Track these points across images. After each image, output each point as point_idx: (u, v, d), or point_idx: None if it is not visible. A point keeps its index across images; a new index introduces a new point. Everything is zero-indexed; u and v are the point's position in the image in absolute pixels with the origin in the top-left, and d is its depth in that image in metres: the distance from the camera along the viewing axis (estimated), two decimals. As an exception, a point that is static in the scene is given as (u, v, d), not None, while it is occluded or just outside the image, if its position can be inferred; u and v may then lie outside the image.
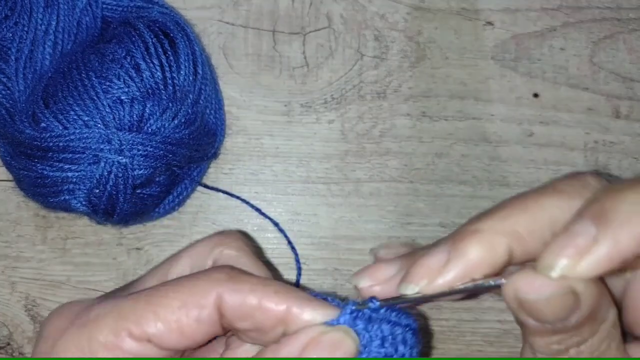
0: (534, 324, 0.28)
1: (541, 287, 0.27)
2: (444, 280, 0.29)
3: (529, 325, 0.28)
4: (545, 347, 0.29)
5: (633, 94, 0.55)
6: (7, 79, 0.48)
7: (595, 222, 0.26)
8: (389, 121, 0.54)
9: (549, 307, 0.27)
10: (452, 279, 0.29)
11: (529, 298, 0.27)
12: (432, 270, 0.29)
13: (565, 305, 0.27)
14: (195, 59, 0.48)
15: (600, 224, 0.26)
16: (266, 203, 0.53)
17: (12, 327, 0.52)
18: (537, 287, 0.27)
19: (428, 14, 0.55)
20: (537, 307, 0.27)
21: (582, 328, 0.28)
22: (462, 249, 0.29)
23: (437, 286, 0.29)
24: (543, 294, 0.27)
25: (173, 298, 0.30)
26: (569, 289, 0.26)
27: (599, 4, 0.55)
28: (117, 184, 0.45)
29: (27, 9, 0.49)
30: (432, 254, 0.30)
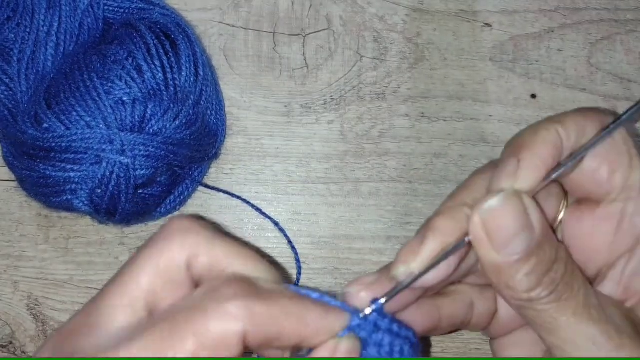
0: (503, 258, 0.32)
1: (494, 196, 0.32)
2: (425, 252, 0.33)
3: (502, 261, 0.32)
4: (523, 282, 0.32)
5: (630, 94, 0.55)
6: (9, 80, 0.48)
7: (516, 151, 0.33)
8: (388, 122, 0.54)
9: (508, 216, 0.31)
10: (431, 249, 0.33)
11: (489, 206, 0.31)
12: (413, 249, 0.33)
13: (519, 210, 0.31)
14: (196, 61, 0.49)
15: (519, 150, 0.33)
16: (266, 203, 0.53)
17: (15, 326, 0.53)
18: (491, 197, 0.32)
19: (427, 16, 0.55)
20: (498, 222, 0.31)
21: (544, 249, 0.32)
22: (432, 225, 0.34)
23: (422, 258, 0.33)
24: (497, 199, 0.31)
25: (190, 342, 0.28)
26: (515, 194, 0.32)
27: (596, 6, 0.56)
28: (119, 184, 0.45)
29: (29, 11, 0.49)
30: (409, 242, 0.34)
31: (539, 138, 0.33)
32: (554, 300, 0.32)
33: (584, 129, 0.34)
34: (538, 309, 0.33)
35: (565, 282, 0.33)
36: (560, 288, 0.33)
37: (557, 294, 0.32)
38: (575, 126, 0.34)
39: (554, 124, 0.33)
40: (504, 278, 0.32)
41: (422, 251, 0.33)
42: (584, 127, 0.34)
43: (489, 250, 0.32)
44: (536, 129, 0.34)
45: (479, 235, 0.32)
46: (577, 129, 0.33)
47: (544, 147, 0.33)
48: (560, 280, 0.33)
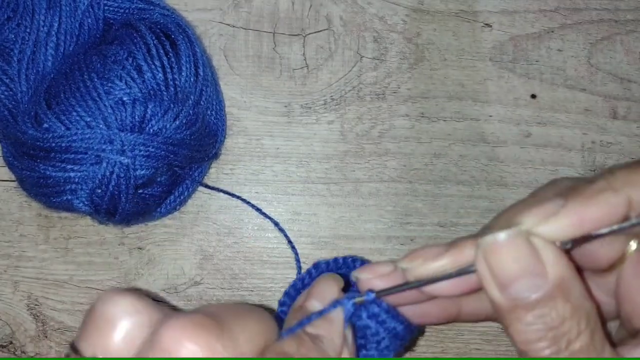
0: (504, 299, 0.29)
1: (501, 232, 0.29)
2: (439, 263, 0.32)
3: (504, 302, 0.29)
4: (524, 331, 0.29)
5: (630, 94, 0.55)
6: (9, 80, 0.48)
7: (564, 197, 0.29)
8: (388, 122, 0.54)
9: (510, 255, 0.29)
10: (447, 264, 0.31)
11: (493, 240, 0.29)
12: (429, 255, 0.32)
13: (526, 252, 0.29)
14: (196, 61, 0.49)
15: (569, 197, 0.29)
16: (266, 203, 0.53)
17: (15, 326, 0.53)
18: (497, 233, 0.29)
19: (427, 16, 0.55)
20: (499, 259, 0.29)
21: (554, 302, 0.29)
22: (460, 246, 0.32)
23: (430, 267, 0.32)
24: (501, 235, 0.29)
25: None
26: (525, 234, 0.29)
27: (596, 6, 0.56)
28: (119, 184, 0.45)
29: (29, 11, 0.49)
30: (432, 247, 0.33)
31: (603, 195, 0.29)
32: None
33: None
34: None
35: (575, 348, 0.29)
36: (566, 354, 0.29)
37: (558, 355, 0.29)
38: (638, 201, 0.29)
39: (626, 186, 0.29)
40: (504, 320, 0.30)
41: (440, 258, 0.32)
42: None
43: (492, 286, 0.30)
44: (607, 182, 0.29)
45: (481, 267, 0.30)
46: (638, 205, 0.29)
47: (601, 208, 0.29)
48: (567, 343, 0.29)
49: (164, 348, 0.26)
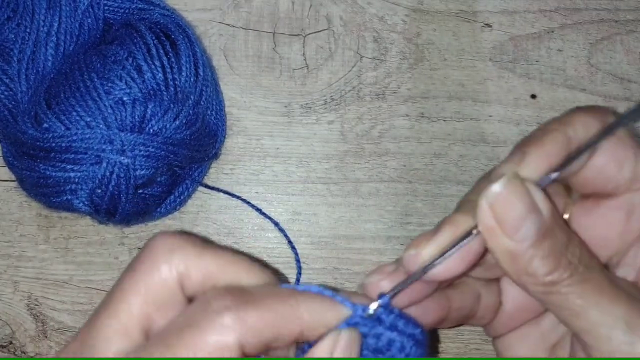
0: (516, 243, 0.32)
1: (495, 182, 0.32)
2: (438, 239, 0.33)
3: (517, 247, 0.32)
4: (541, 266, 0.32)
5: (630, 94, 0.55)
6: (9, 80, 0.48)
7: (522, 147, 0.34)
8: (388, 122, 0.54)
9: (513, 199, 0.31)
10: (444, 238, 0.33)
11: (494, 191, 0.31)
12: (426, 237, 0.34)
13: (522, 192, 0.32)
14: (196, 61, 0.49)
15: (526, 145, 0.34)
16: (266, 203, 0.53)
17: (15, 326, 0.53)
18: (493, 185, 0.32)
19: (426, 16, 0.55)
20: (505, 206, 0.31)
21: (555, 232, 0.32)
22: (448, 219, 0.34)
23: (433, 245, 0.33)
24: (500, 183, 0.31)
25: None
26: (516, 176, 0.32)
27: (596, 6, 0.56)
28: (119, 184, 0.45)
29: (29, 11, 0.49)
30: (427, 232, 0.34)
31: (548, 136, 0.34)
32: (577, 281, 0.32)
33: (590, 129, 0.34)
34: (562, 293, 0.32)
35: (585, 263, 0.32)
36: (581, 269, 0.32)
37: (579, 275, 0.32)
38: (583, 126, 0.34)
39: (562, 125, 0.34)
40: (521, 265, 0.32)
41: (434, 238, 0.33)
42: (591, 126, 0.34)
43: (501, 237, 0.32)
44: (545, 128, 0.34)
45: (488, 222, 0.32)
46: (584, 129, 0.34)
47: (552, 145, 0.33)
48: (579, 262, 0.32)
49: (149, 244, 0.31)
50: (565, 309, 0.33)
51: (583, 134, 0.34)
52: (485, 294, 0.39)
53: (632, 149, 0.35)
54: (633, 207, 0.36)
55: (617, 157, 0.35)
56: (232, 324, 0.28)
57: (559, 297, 0.32)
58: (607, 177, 0.35)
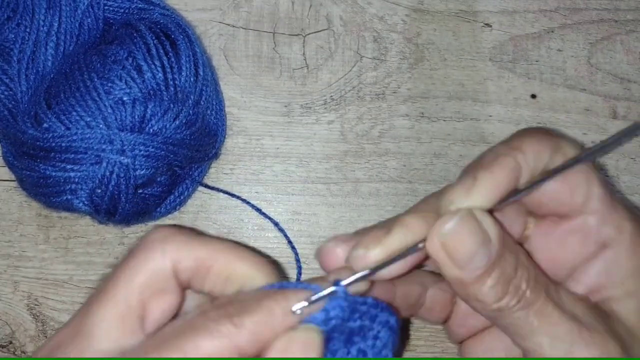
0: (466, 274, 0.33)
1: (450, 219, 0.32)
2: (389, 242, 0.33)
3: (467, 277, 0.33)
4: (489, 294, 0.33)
5: (630, 94, 0.55)
6: (9, 80, 0.48)
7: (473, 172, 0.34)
8: (388, 122, 0.54)
9: (465, 237, 0.32)
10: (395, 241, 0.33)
11: (446, 229, 0.32)
12: (377, 237, 0.34)
13: (475, 228, 0.32)
14: (196, 61, 0.49)
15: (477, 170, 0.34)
16: (266, 203, 0.53)
17: (15, 326, 0.53)
18: (447, 220, 0.32)
19: (427, 16, 0.55)
20: (456, 243, 0.32)
21: (505, 258, 0.33)
22: (400, 220, 0.34)
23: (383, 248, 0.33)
24: (453, 222, 0.32)
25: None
26: (470, 213, 0.32)
27: (596, 6, 0.56)
28: (119, 184, 0.45)
29: (29, 11, 0.49)
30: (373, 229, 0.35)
31: (498, 162, 0.34)
32: (522, 307, 0.33)
33: (540, 155, 0.35)
34: (509, 317, 0.34)
35: (532, 286, 0.34)
36: (528, 294, 0.34)
37: (525, 300, 0.33)
38: (533, 154, 0.35)
39: (513, 150, 0.35)
40: (470, 292, 0.33)
41: (386, 241, 0.33)
42: (541, 153, 0.35)
43: (452, 268, 0.33)
44: (496, 153, 0.35)
45: (440, 255, 0.33)
46: (534, 156, 0.35)
47: (502, 170, 0.34)
48: (527, 286, 0.34)
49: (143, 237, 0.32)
50: (512, 332, 0.34)
51: (532, 161, 0.35)
52: (433, 287, 0.40)
53: (583, 173, 0.36)
54: (588, 229, 0.37)
55: (569, 182, 0.36)
56: (228, 329, 0.29)
57: (507, 321, 0.34)
58: (560, 202, 0.36)
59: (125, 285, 0.31)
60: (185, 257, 0.31)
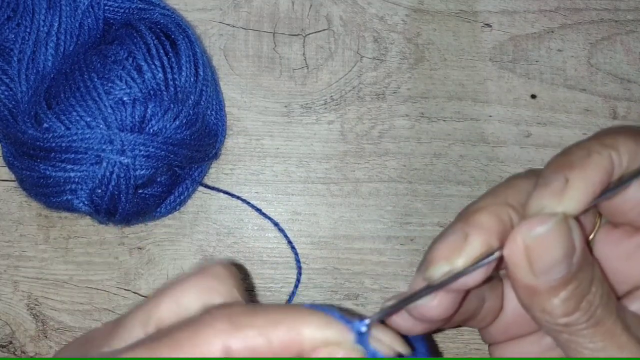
0: (541, 282, 0.30)
1: (540, 222, 0.29)
2: (470, 250, 0.30)
3: (541, 285, 0.30)
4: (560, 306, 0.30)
5: (630, 95, 0.55)
6: (9, 80, 0.48)
7: (564, 170, 0.31)
8: (388, 122, 0.54)
9: (553, 244, 0.29)
10: (476, 248, 0.30)
11: (536, 234, 0.29)
12: (456, 246, 0.31)
13: (566, 238, 0.29)
14: (196, 61, 0.49)
15: (568, 169, 0.31)
16: (266, 203, 0.53)
17: (15, 326, 0.53)
18: (537, 223, 0.29)
19: (427, 16, 0.55)
20: (542, 250, 0.29)
21: (583, 271, 0.30)
22: (474, 221, 0.31)
23: (466, 256, 0.30)
24: (545, 227, 0.29)
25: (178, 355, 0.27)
26: (565, 220, 0.29)
27: (596, 6, 0.56)
28: (119, 184, 0.45)
29: (29, 11, 0.49)
30: (444, 237, 0.31)
31: (592, 161, 0.31)
32: (592, 325, 0.31)
33: (636, 156, 0.32)
34: (575, 334, 0.31)
35: (603, 304, 0.31)
36: (599, 312, 0.31)
37: (596, 318, 0.31)
38: (628, 153, 0.32)
39: (607, 148, 0.31)
40: (540, 301, 0.31)
41: (467, 248, 0.30)
42: (636, 154, 0.32)
43: (527, 273, 0.30)
44: (588, 150, 0.31)
45: (518, 260, 0.30)
46: (629, 156, 0.32)
47: (596, 172, 0.31)
48: (599, 302, 0.31)
49: None
50: (573, 349, 0.32)
51: (627, 161, 0.32)
52: (489, 297, 0.37)
53: None
54: None
55: None
56: (223, 326, 0.27)
57: (570, 337, 0.31)
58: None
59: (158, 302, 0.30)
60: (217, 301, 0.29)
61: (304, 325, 0.27)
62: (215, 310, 0.28)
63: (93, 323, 0.52)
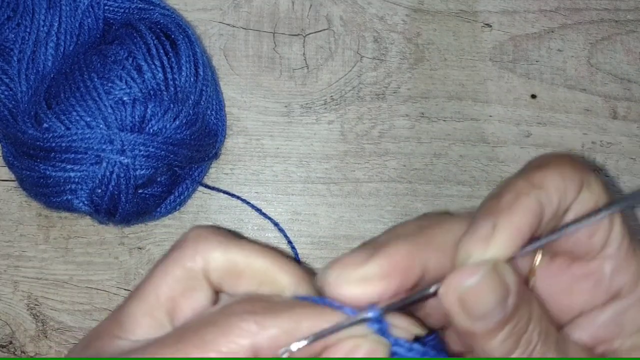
0: (479, 328, 0.30)
1: (471, 274, 0.29)
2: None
3: (478, 329, 0.30)
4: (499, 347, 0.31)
5: (630, 94, 0.55)
6: (9, 80, 0.48)
7: (492, 215, 0.30)
8: (388, 122, 0.54)
9: (486, 293, 0.29)
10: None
11: (467, 285, 0.29)
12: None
13: (498, 285, 0.30)
14: (196, 61, 0.49)
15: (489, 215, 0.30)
16: (266, 203, 0.53)
17: (15, 326, 0.53)
18: (468, 274, 0.29)
19: (427, 16, 0.55)
20: (475, 299, 0.30)
21: (519, 312, 0.31)
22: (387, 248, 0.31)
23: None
24: (476, 278, 0.29)
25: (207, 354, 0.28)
26: (494, 268, 0.29)
27: (596, 6, 0.56)
28: (119, 184, 0.45)
29: (29, 11, 0.49)
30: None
31: (519, 204, 0.30)
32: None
33: (565, 195, 0.32)
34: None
35: (542, 340, 0.32)
36: (538, 348, 0.32)
37: (535, 355, 0.32)
38: (557, 193, 0.31)
39: (534, 189, 0.31)
40: (479, 343, 0.31)
41: (365, 268, 0.30)
42: (566, 192, 0.32)
43: (464, 320, 0.30)
44: (516, 192, 0.31)
45: (454, 308, 0.30)
46: (559, 194, 0.31)
47: (524, 216, 0.30)
48: (537, 339, 0.32)
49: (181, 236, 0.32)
50: None
51: (557, 199, 0.31)
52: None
53: (607, 217, 0.33)
54: (601, 276, 0.34)
55: (590, 225, 0.33)
56: (250, 327, 0.29)
57: None
58: (577, 243, 0.34)
59: (156, 280, 0.31)
60: (216, 258, 0.31)
61: (326, 322, 0.29)
62: (239, 308, 0.29)
63: (93, 323, 0.52)
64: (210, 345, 0.28)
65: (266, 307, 0.29)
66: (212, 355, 0.28)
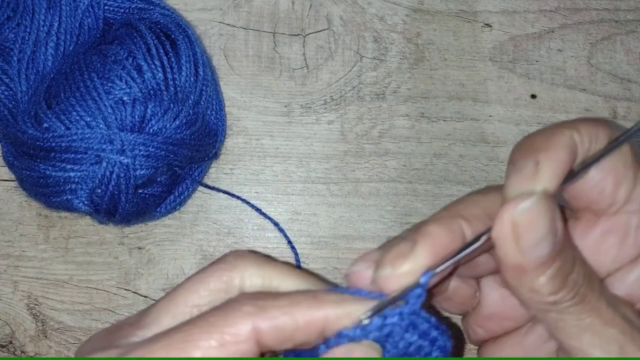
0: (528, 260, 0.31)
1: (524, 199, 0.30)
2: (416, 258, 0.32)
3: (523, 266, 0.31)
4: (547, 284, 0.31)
5: (630, 95, 0.55)
6: (9, 80, 0.48)
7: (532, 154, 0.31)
8: (388, 122, 0.54)
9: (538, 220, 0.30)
10: (422, 256, 0.32)
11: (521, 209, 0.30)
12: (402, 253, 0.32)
13: (549, 212, 0.30)
14: (196, 60, 0.49)
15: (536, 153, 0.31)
16: (266, 203, 0.53)
17: (15, 326, 0.53)
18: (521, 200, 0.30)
19: (427, 16, 0.55)
20: (528, 225, 0.30)
21: (566, 250, 0.32)
22: (424, 231, 0.33)
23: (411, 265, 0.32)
24: (529, 202, 0.30)
25: (209, 339, 0.29)
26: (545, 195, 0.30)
27: (596, 6, 0.56)
28: (119, 184, 0.45)
29: (29, 11, 0.49)
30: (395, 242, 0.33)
31: (556, 141, 0.32)
32: (578, 302, 0.32)
33: (596, 137, 0.33)
34: (561, 312, 0.32)
35: (587, 282, 0.32)
36: (583, 289, 0.32)
37: (581, 295, 0.32)
38: (589, 133, 0.32)
39: (568, 129, 0.32)
40: (527, 281, 0.31)
41: (412, 256, 0.32)
42: (597, 135, 0.33)
43: (514, 251, 0.31)
44: (550, 132, 0.32)
45: (506, 236, 0.30)
46: (590, 136, 0.32)
47: (562, 151, 0.31)
48: (582, 281, 0.32)
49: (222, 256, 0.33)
50: (561, 328, 0.33)
51: (588, 142, 0.32)
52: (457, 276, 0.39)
53: (632, 168, 0.34)
54: (627, 230, 0.34)
55: (617, 173, 0.33)
56: (249, 309, 0.30)
57: (557, 316, 0.32)
58: (602, 194, 0.34)
59: (189, 287, 0.32)
60: (253, 274, 0.32)
61: (324, 302, 0.30)
62: (241, 295, 0.31)
63: (93, 323, 0.52)
64: (214, 329, 0.29)
65: (268, 295, 0.31)
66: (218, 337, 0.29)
